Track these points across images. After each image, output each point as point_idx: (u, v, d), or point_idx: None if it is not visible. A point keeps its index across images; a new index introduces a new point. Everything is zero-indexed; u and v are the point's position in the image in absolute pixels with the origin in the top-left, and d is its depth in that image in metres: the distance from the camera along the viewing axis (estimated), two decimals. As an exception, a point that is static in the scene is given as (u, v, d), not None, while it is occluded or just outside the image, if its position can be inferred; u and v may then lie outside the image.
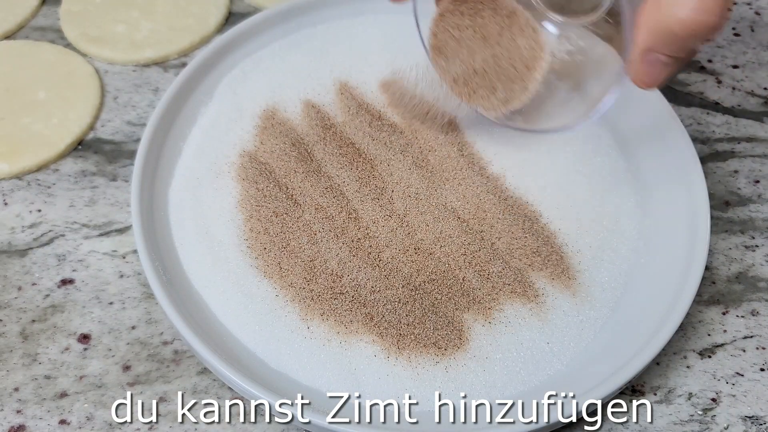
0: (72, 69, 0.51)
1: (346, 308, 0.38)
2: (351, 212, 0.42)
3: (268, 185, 0.42)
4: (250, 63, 0.48)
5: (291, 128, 0.45)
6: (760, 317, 0.41)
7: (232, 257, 0.40)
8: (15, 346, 0.39)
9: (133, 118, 0.49)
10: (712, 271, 0.43)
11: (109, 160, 0.47)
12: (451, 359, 0.37)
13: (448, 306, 0.39)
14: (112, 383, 0.38)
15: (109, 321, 0.40)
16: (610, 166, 0.44)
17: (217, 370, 0.35)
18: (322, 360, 0.37)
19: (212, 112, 0.46)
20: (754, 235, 0.45)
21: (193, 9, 0.54)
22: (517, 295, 0.39)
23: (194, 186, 0.43)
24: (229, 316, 0.38)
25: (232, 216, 0.42)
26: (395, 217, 0.42)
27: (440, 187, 0.43)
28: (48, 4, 0.55)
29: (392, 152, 0.44)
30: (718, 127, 0.50)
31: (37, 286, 0.41)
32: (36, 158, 0.46)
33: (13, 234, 0.43)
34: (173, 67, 0.52)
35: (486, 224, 0.41)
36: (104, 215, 0.44)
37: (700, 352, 0.40)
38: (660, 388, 0.39)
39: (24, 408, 0.37)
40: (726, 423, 0.38)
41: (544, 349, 0.38)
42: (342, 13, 0.51)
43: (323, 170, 0.43)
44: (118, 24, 0.53)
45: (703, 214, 0.40)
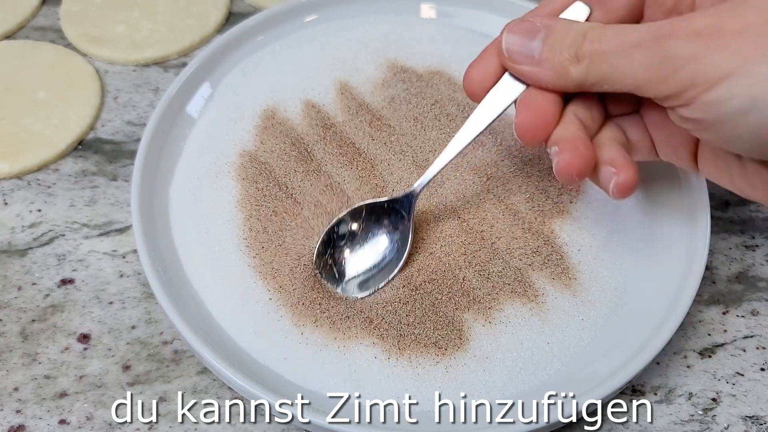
0: (72, 69, 0.51)
1: (341, 314, 0.38)
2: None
3: (267, 185, 0.42)
4: (250, 63, 0.48)
5: (291, 128, 0.45)
6: (760, 317, 0.41)
7: (231, 257, 0.40)
8: (15, 346, 0.39)
9: (133, 117, 0.49)
10: (712, 270, 0.43)
11: (109, 159, 0.47)
12: (452, 359, 0.37)
13: (448, 306, 0.39)
14: (112, 383, 0.38)
15: (109, 321, 0.40)
16: (611, 166, 0.44)
17: (217, 370, 0.35)
18: (320, 364, 0.37)
19: (212, 112, 0.46)
20: (755, 235, 0.45)
21: (193, 9, 0.54)
22: (517, 295, 0.39)
23: (194, 186, 0.43)
24: (227, 317, 0.38)
25: (232, 216, 0.41)
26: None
27: (440, 186, 0.43)
28: (48, 4, 0.55)
29: (392, 152, 0.44)
30: (718, 127, 0.50)
31: (37, 285, 0.41)
32: (36, 158, 0.46)
33: (13, 234, 0.43)
34: (173, 67, 0.52)
35: (486, 224, 0.41)
36: (104, 215, 0.44)
37: (701, 351, 0.40)
38: (660, 388, 0.39)
39: (24, 408, 0.37)
40: (726, 423, 0.38)
41: (544, 349, 0.38)
42: (342, 12, 0.51)
43: (323, 170, 0.43)
44: (119, 24, 0.53)
45: (703, 214, 0.40)
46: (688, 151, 0.35)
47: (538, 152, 0.44)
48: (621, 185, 0.33)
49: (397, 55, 0.49)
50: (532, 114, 0.33)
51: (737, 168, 0.33)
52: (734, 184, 0.33)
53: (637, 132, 0.35)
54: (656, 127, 0.35)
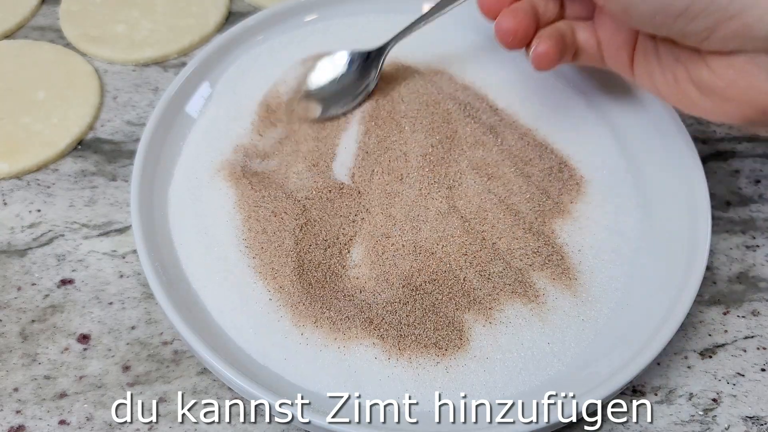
0: (72, 69, 0.50)
1: (341, 315, 0.38)
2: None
3: (267, 184, 0.42)
4: (250, 62, 0.48)
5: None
6: (761, 317, 0.41)
7: (231, 257, 0.40)
8: (15, 346, 0.39)
9: (132, 117, 0.49)
10: (713, 271, 0.43)
11: (108, 159, 0.47)
12: (452, 359, 0.37)
13: (448, 306, 0.39)
14: (112, 383, 0.38)
15: (109, 321, 0.40)
16: (610, 166, 0.44)
17: (217, 371, 0.35)
18: (320, 364, 0.37)
19: (212, 111, 0.46)
20: (755, 235, 0.44)
21: (193, 9, 0.54)
22: (517, 296, 0.39)
23: (194, 186, 0.43)
24: (227, 318, 0.38)
25: (231, 216, 0.41)
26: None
27: (440, 186, 0.43)
28: (48, 4, 0.55)
29: (392, 152, 0.44)
30: (719, 127, 0.50)
31: (36, 286, 0.41)
32: (36, 158, 0.46)
33: (12, 234, 0.43)
34: (173, 66, 0.52)
35: (487, 224, 0.41)
36: (104, 215, 0.44)
37: (701, 352, 0.40)
38: (660, 389, 0.39)
39: (24, 408, 0.37)
40: (727, 423, 0.38)
41: (544, 349, 0.38)
42: (342, 12, 0.51)
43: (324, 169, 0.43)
44: (118, 24, 0.53)
45: (703, 214, 0.40)
46: (627, 55, 0.39)
47: (539, 152, 0.44)
48: (537, 53, 0.39)
49: (398, 55, 0.48)
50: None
51: (658, 69, 0.37)
52: (656, 88, 0.38)
53: (587, 34, 0.40)
54: (603, 28, 0.40)
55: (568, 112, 0.47)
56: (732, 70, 0.33)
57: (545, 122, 0.46)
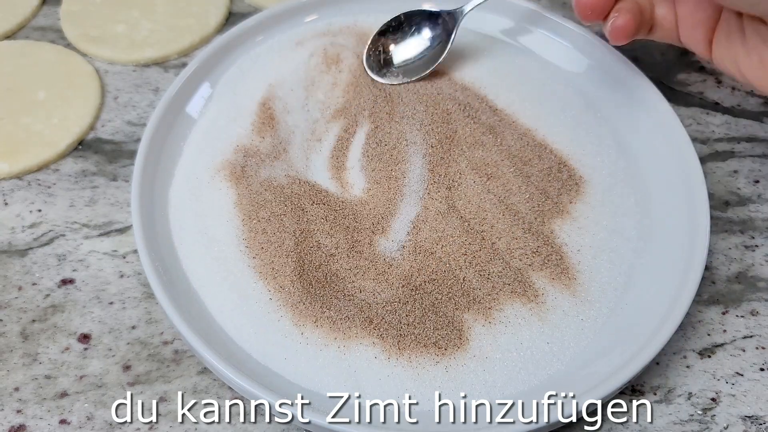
0: (72, 69, 0.51)
1: (341, 314, 0.38)
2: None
3: (267, 185, 0.42)
4: (250, 62, 0.48)
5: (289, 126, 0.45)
6: (759, 317, 0.41)
7: (231, 257, 0.40)
8: (15, 346, 0.39)
9: (133, 118, 0.49)
10: (711, 271, 0.43)
11: (109, 160, 0.47)
12: (451, 359, 0.37)
13: (448, 306, 0.39)
14: (112, 383, 0.38)
15: (110, 321, 0.40)
16: (610, 166, 0.44)
17: (217, 370, 0.35)
18: (320, 364, 0.37)
19: (212, 111, 0.46)
20: (754, 235, 0.45)
21: (193, 9, 0.54)
22: (517, 295, 0.39)
23: (194, 186, 0.43)
24: (227, 317, 0.38)
25: (231, 216, 0.41)
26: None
27: (441, 186, 0.43)
28: (48, 4, 0.55)
29: (392, 150, 0.44)
30: (717, 127, 0.50)
31: (37, 286, 0.41)
32: (36, 158, 0.46)
33: (13, 234, 0.43)
34: (173, 67, 0.52)
35: (486, 224, 0.41)
36: (104, 215, 0.44)
37: (700, 351, 0.40)
38: (660, 388, 0.39)
39: (24, 408, 0.37)
40: (726, 423, 0.38)
41: (544, 349, 0.38)
42: (342, 12, 0.51)
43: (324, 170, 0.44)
44: (118, 24, 0.53)
45: (702, 214, 0.40)
46: (705, 34, 0.39)
47: (538, 152, 0.45)
48: (615, 26, 0.39)
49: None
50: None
51: (742, 50, 0.37)
52: (739, 69, 0.38)
53: (666, 9, 0.40)
54: (684, 3, 0.39)
55: (567, 113, 0.47)
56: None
57: (544, 122, 0.46)
